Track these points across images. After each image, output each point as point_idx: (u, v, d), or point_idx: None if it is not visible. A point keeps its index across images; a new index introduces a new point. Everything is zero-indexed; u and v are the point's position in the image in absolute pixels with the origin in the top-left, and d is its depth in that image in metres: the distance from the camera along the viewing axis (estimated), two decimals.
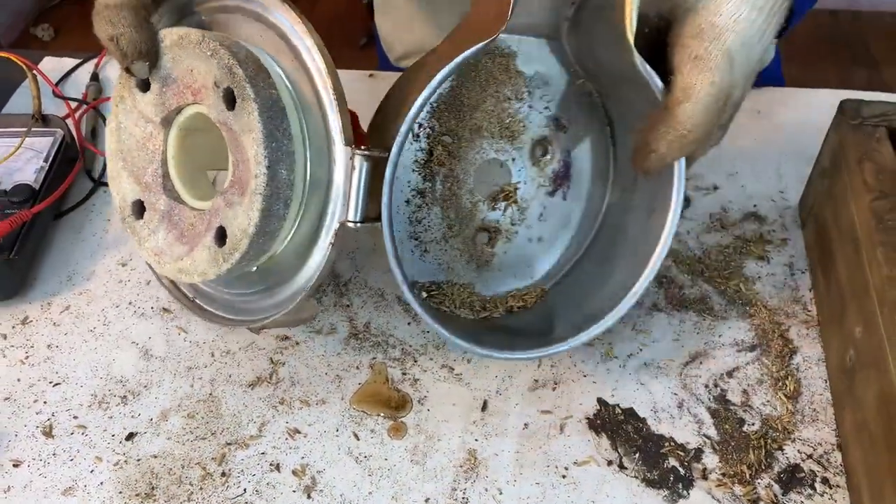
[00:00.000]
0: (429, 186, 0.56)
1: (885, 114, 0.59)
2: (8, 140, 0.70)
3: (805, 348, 0.58)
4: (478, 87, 0.56)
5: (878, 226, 0.51)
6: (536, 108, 0.58)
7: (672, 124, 0.46)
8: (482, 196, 0.58)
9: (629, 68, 0.47)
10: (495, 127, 0.57)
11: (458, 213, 0.57)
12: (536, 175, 0.59)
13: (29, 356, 0.59)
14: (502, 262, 0.60)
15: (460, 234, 0.58)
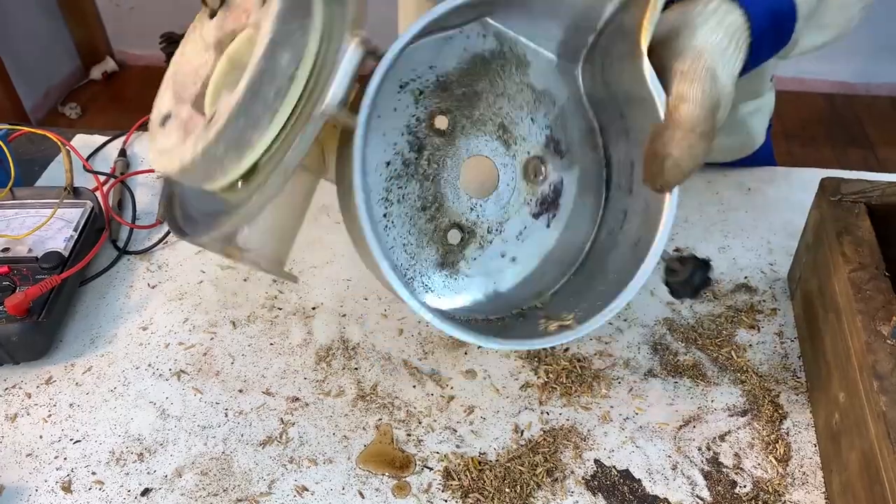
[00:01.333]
0: (413, 157, 0.54)
1: (863, 191, 0.63)
2: (41, 210, 0.75)
3: (795, 413, 0.60)
4: (487, 81, 0.55)
5: (857, 295, 0.55)
6: (538, 124, 0.56)
7: (677, 125, 0.48)
8: (465, 190, 0.55)
9: (639, 85, 0.49)
10: (494, 125, 0.55)
11: (437, 198, 0.55)
12: (525, 190, 0.56)
13: (52, 414, 0.62)
14: (470, 268, 0.56)
15: (433, 220, 0.55)
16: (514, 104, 0.56)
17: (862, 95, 2.63)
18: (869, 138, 2.48)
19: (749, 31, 0.52)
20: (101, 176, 0.84)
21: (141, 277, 0.75)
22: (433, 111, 0.54)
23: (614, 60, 0.52)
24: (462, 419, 0.61)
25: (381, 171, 0.53)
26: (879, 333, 0.52)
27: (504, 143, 0.56)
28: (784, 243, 0.75)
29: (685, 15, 0.52)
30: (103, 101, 2.86)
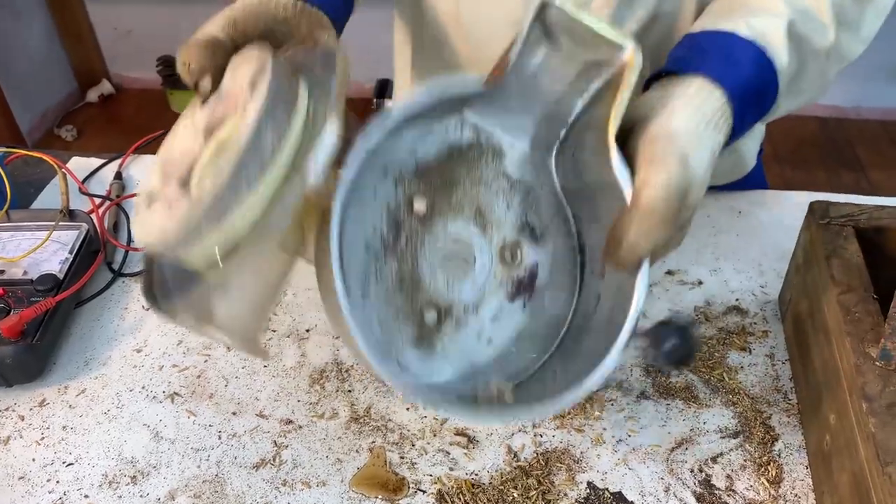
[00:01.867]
0: (391, 238, 0.55)
1: (851, 214, 0.64)
2: (37, 233, 0.76)
3: (786, 435, 0.61)
4: (465, 169, 0.57)
5: (846, 318, 0.55)
6: (514, 210, 0.58)
7: (636, 209, 0.49)
8: (442, 271, 0.56)
9: (607, 173, 0.51)
10: (471, 210, 0.57)
11: (414, 277, 0.55)
12: (500, 272, 0.57)
13: (45, 437, 0.62)
14: (445, 347, 0.56)
15: (410, 298, 0.55)
16: (490, 191, 0.57)
17: (853, 119, 2.66)
18: (860, 161, 2.50)
19: (731, 110, 0.54)
20: (97, 198, 0.85)
21: (136, 299, 0.75)
22: (412, 195, 0.56)
23: (585, 151, 0.55)
24: (455, 442, 0.61)
25: (360, 251, 0.54)
26: (868, 355, 0.52)
27: (480, 227, 0.57)
28: (775, 266, 0.76)
29: (664, 98, 0.53)
30: (100, 124, 2.87)
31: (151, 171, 0.51)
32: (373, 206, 0.54)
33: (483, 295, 0.57)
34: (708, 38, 0.58)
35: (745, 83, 0.55)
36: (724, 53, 0.56)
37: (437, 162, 0.56)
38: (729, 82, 0.54)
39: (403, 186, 0.56)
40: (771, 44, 0.57)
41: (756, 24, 0.57)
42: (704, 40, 0.58)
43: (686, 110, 0.53)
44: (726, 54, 0.56)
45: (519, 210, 0.58)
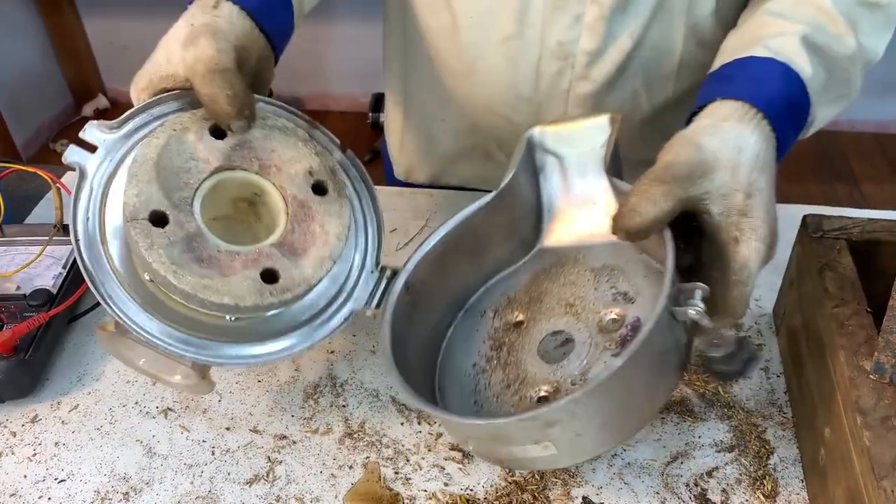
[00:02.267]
0: (495, 354, 0.59)
1: (844, 227, 0.64)
2: (30, 248, 0.75)
3: (782, 449, 0.61)
4: (549, 281, 0.62)
5: (839, 330, 0.55)
6: (602, 289, 0.59)
7: (640, 179, 0.51)
8: (545, 361, 0.58)
9: None
10: (562, 307, 0.59)
11: (519, 375, 0.57)
12: (602, 340, 0.57)
13: (36, 453, 0.62)
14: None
15: (518, 392, 0.57)
16: (576, 287, 0.60)
17: (847, 132, 2.68)
18: (854, 174, 2.51)
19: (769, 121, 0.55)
20: None
21: None
22: (506, 316, 0.62)
23: None
24: (450, 457, 0.61)
25: (468, 372, 0.59)
26: (862, 369, 0.52)
27: (574, 315, 0.59)
28: (769, 279, 0.76)
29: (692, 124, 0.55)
30: None
31: (146, 175, 0.54)
32: (476, 340, 0.61)
33: (588, 363, 0.56)
34: (729, 68, 0.59)
35: (775, 97, 0.55)
36: (749, 75, 0.57)
37: (527, 287, 0.62)
38: (761, 101, 0.54)
39: (500, 316, 0.62)
40: (791, 58, 0.58)
41: (772, 44, 0.58)
42: (726, 71, 0.59)
43: (700, 119, 0.55)
44: (750, 76, 0.57)
45: (606, 287, 0.59)
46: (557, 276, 0.62)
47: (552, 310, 0.60)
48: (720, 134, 0.52)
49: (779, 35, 0.59)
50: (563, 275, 0.61)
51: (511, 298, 0.62)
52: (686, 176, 0.50)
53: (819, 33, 0.60)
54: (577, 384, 0.54)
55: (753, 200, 0.51)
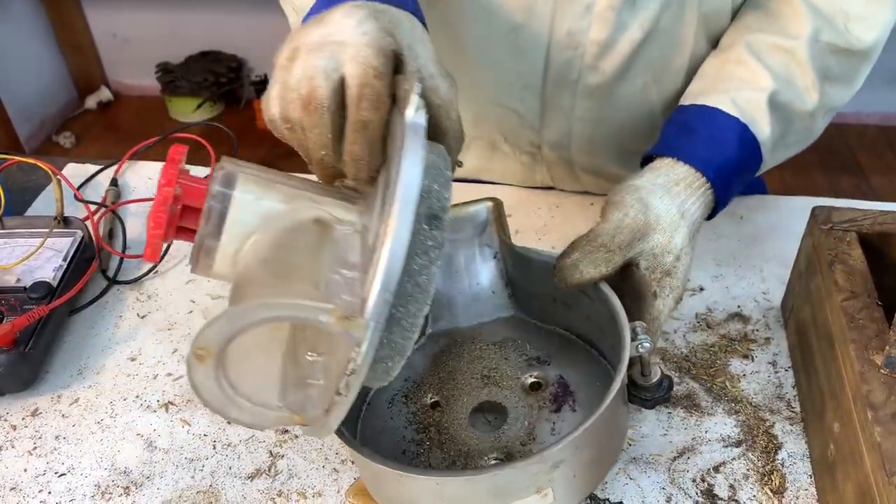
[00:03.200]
0: (423, 437, 0.58)
1: (854, 219, 0.63)
2: (31, 240, 0.75)
3: (790, 444, 0.60)
4: (454, 359, 0.63)
5: (849, 324, 0.54)
6: (512, 359, 0.62)
7: (584, 236, 0.56)
8: (482, 430, 0.57)
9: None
10: (478, 379, 0.61)
11: (462, 452, 0.56)
12: (535, 400, 0.59)
13: (37, 447, 0.61)
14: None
15: (468, 465, 0.55)
16: (485, 360, 0.62)
17: (853, 124, 2.66)
18: (861, 166, 2.49)
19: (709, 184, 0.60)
20: (92, 205, 0.84)
21: (130, 307, 0.74)
22: (421, 397, 0.61)
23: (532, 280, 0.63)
24: None
25: (401, 459, 0.57)
26: (873, 363, 0.51)
27: (495, 385, 0.60)
28: (777, 272, 0.75)
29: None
30: (98, 131, 2.86)
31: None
32: (395, 427, 0.59)
33: (531, 423, 0.57)
34: (695, 118, 0.64)
35: (728, 165, 0.61)
36: (710, 134, 0.62)
37: (430, 368, 0.62)
38: (712, 170, 0.60)
39: (413, 400, 0.61)
40: (754, 118, 0.63)
41: (740, 100, 0.63)
42: (691, 120, 0.64)
43: (656, 171, 0.59)
44: (711, 135, 0.62)
45: (516, 355, 0.62)
46: (461, 355, 0.63)
47: (469, 384, 0.61)
48: (669, 197, 0.57)
49: (748, 89, 0.64)
50: (465, 352, 0.63)
51: (418, 382, 0.62)
52: (629, 243, 0.55)
53: (785, 90, 0.65)
54: (527, 445, 0.56)
55: (680, 262, 0.57)
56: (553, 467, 0.47)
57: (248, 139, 2.72)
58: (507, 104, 0.78)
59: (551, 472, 0.48)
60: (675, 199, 0.58)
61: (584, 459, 0.50)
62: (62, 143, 2.75)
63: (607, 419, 0.49)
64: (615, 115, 0.77)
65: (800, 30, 0.66)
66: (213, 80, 2.78)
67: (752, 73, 0.65)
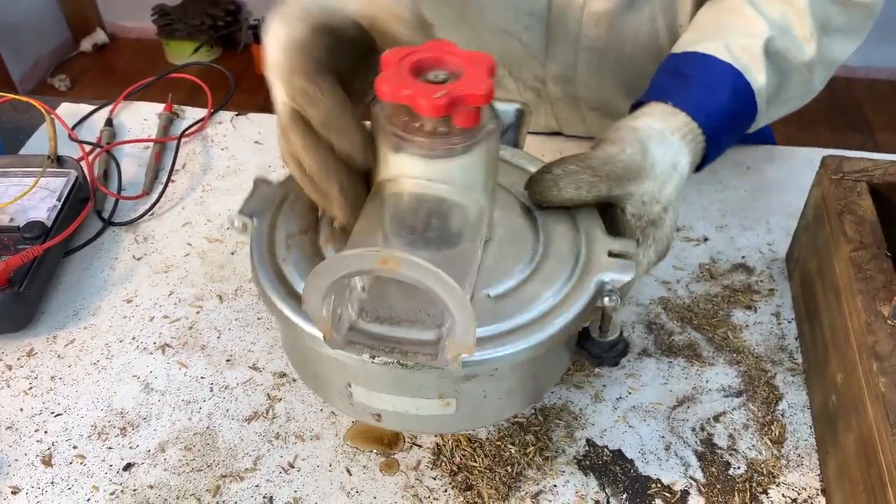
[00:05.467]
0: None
1: (865, 169, 0.61)
2: (24, 179, 0.73)
3: (790, 395, 0.59)
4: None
5: (857, 275, 0.53)
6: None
7: (574, 156, 0.51)
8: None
9: None
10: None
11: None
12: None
13: (32, 387, 0.61)
14: None
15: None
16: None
17: (861, 79, 2.61)
18: (868, 122, 2.46)
19: (702, 133, 0.57)
20: (87, 145, 0.82)
21: (126, 249, 0.73)
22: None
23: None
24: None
25: None
26: (880, 314, 0.50)
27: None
28: (783, 223, 0.74)
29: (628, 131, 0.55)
30: (93, 73, 2.82)
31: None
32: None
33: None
34: (688, 64, 0.61)
35: (720, 111, 0.58)
36: (703, 81, 0.59)
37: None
38: (703, 116, 0.56)
39: None
40: (748, 65, 0.59)
41: (734, 47, 0.60)
42: (686, 66, 0.61)
43: (654, 117, 0.56)
44: (704, 82, 0.59)
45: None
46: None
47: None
48: (665, 145, 0.54)
49: (743, 36, 0.61)
50: None
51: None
52: (619, 176, 0.51)
53: (782, 38, 0.62)
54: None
55: (668, 215, 0.53)
56: (465, 378, 0.45)
57: (246, 83, 2.68)
58: (512, 32, 0.76)
59: (458, 384, 0.45)
60: (670, 148, 0.55)
61: (500, 386, 0.47)
62: (57, 85, 2.71)
63: (538, 358, 0.45)
64: (622, 47, 0.75)
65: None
66: (210, 23, 2.73)
67: (747, 21, 0.62)
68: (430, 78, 0.41)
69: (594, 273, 0.47)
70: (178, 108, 0.90)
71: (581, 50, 0.75)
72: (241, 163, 0.83)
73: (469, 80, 0.40)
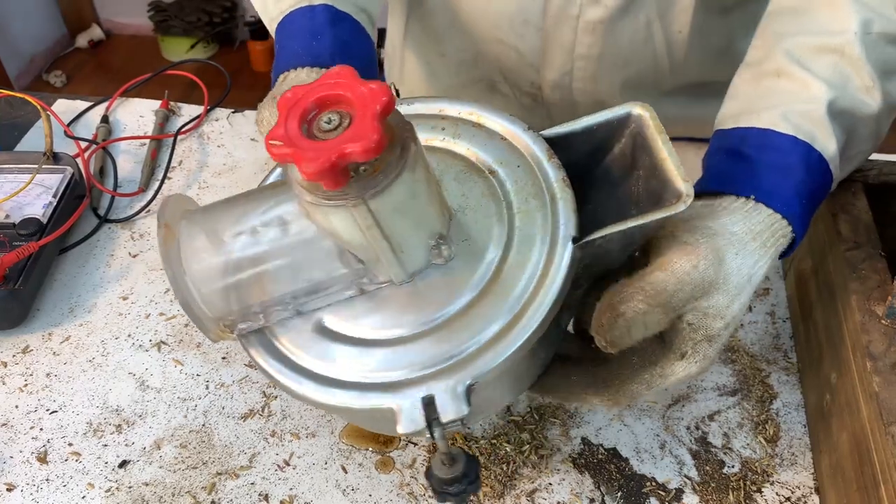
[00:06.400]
0: None
1: (860, 169, 0.62)
2: (20, 176, 0.73)
3: (785, 394, 0.60)
4: None
5: (851, 274, 0.54)
6: None
7: (640, 286, 0.44)
8: None
9: None
10: None
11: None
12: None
13: (28, 384, 0.61)
14: None
15: None
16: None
17: None
18: None
19: (786, 223, 0.48)
20: (83, 142, 0.82)
21: (122, 246, 0.73)
22: None
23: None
24: None
25: None
26: (874, 313, 0.51)
27: None
28: None
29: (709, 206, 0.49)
30: (89, 70, 2.81)
31: None
32: None
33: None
34: (746, 143, 0.52)
35: (797, 193, 0.49)
36: (771, 161, 0.50)
37: None
38: (786, 208, 0.49)
39: None
40: (814, 134, 0.51)
41: (793, 115, 0.51)
42: (743, 146, 0.52)
43: (733, 216, 0.48)
44: (773, 162, 0.50)
45: None
46: None
47: None
48: (743, 255, 0.47)
49: (800, 101, 0.52)
50: None
51: None
52: (689, 298, 0.45)
53: (844, 95, 0.53)
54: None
55: (726, 332, 0.47)
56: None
57: (242, 80, 2.68)
58: (507, 41, 0.76)
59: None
60: (749, 257, 0.47)
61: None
62: (52, 81, 2.70)
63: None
64: (618, 52, 0.75)
65: (845, 24, 0.54)
66: (206, 19, 2.72)
67: (798, 82, 0.53)
68: (322, 125, 0.36)
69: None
70: (174, 104, 0.90)
71: (577, 57, 0.75)
72: (238, 160, 0.83)
73: (356, 130, 0.35)
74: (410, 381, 0.40)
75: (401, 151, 0.37)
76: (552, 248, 0.42)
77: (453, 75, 0.85)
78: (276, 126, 0.36)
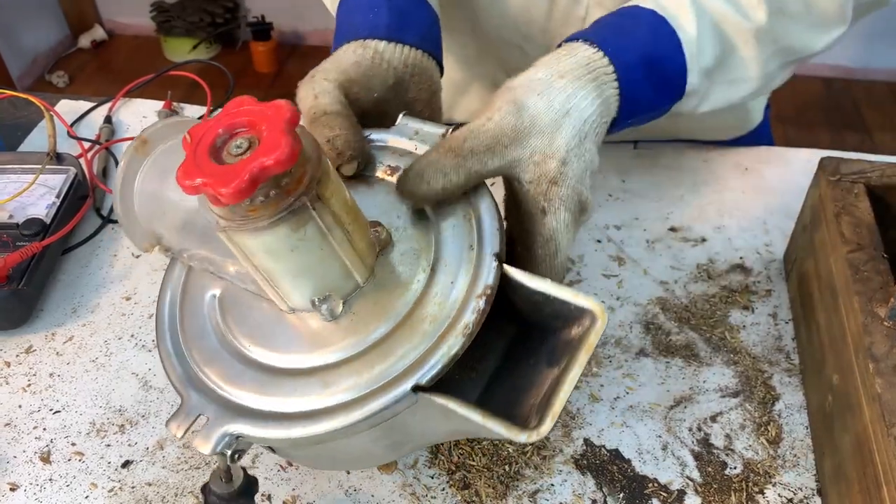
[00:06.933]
0: None
1: (863, 171, 0.62)
2: (23, 176, 0.73)
3: (787, 395, 0.60)
4: None
5: (854, 276, 0.54)
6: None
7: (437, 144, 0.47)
8: None
9: None
10: None
11: None
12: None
13: (31, 384, 0.61)
14: None
15: None
16: None
17: (860, 80, 2.62)
18: (865, 123, 2.47)
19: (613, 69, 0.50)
20: (86, 142, 0.82)
21: (125, 246, 0.73)
22: None
23: None
24: None
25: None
26: (876, 315, 0.51)
27: None
28: (780, 224, 0.74)
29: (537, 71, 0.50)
30: (92, 70, 2.82)
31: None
32: None
33: None
34: (609, 15, 0.55)
35: (633, 49, 0.51)
36: (618, 21, 0.53)
37: None
38: (610, 49, 0.50)
39: None
40: (673, 13, 0.53)
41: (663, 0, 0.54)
42: (606, 17, 0.55)
43: (544, 64, 0.50)
44: (619, 23, 0.53)
45: None
46: None
47: None
48: (548, 93, 0.48)
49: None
50: None
51: None
52: (488, 147, 0.46)
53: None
54: None
55: (568, 167, 0.46)
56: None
57: (245, 81, 2.68)
58: (513, 42, 0.76)
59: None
60: (558, 93, 0.47)
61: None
62: (55, 82, 2.71)
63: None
64: None
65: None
66: (208, 20, 2.72)
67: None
68: (232, 151, 0.36)
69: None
70: (177, 105, 0.90)
71: None
72: None
73: (267, 145, 0.35)
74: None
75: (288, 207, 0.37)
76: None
77: (456, 71, 0.85)
78: (184, 163, 0.37)
